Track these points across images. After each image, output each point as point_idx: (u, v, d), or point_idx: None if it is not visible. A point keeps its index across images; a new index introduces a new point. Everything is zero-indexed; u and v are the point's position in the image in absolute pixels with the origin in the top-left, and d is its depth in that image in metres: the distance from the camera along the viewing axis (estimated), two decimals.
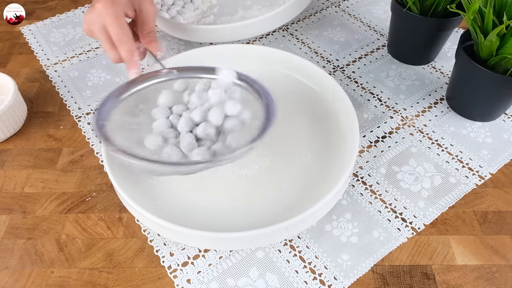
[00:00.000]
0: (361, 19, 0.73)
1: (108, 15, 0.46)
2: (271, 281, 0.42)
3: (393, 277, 0.43)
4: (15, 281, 0.43)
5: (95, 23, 0.47)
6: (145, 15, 0.51)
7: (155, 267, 0.44)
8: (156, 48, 0.51)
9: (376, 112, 0.58)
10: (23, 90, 0.62)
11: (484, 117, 0.56)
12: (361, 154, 0.53)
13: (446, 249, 0.45)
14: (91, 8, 0.47)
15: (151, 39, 0.51)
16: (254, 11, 0.71)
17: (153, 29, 0.51)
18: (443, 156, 0.53)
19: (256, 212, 0.46)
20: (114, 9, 0.46)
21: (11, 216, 0.48)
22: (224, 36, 0.65)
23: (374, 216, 0.47)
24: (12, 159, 0.54)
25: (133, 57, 0.47)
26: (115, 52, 0.48)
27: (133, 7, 0.50)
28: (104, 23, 0.46)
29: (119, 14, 0.47)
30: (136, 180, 0.48)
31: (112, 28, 0.46)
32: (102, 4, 0.46)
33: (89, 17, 0.47)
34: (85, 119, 0.58)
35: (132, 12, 0.50)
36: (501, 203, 0.48)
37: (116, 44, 0.47)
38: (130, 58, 0.47)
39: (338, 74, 0.64)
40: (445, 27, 0.58)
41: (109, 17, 0.46)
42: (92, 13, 0.47)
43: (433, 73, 0.64)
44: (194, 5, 0.73)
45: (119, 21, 0.46)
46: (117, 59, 0.48)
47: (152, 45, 0.51)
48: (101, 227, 0.47)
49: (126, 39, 0.47)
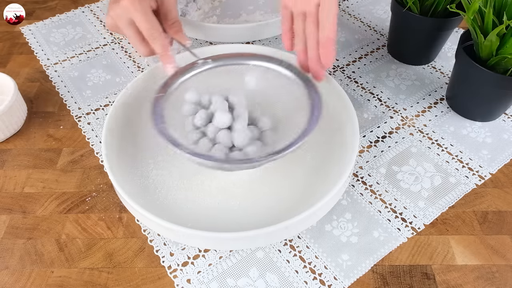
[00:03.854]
0: (361, 19, 0.73)
1: (136, 10, 0.45)
2: (271, 281, 0.42)
3: (393, 277, 0.43)
4: (15, 281, 0.43)
5: (122, 19, 0.46)
6: (166, 5, 0.50)
7: (155, 267, 0.44)
8: (184, 37, 0.50)
9: (376, 112, 0.58)
10: (23, 90, 0.62)
11: (484, 117, 0.56)
12: (361, 154, 0.53)
13: (446, 249, 0.45)
14: (116, 4, 0.46)
15: (177, 29, 0.50)
16: (257, 15, 0.72)
17: (177, 19, 0.51)
18: (443, 156, 0.53)
19: (256, 212, 0.46)
20: (141, 5, 0.45)
21: (11, 216, 0.48)
22: (230, 36, 0.66)
23: (374, 216, 0.47)
24: (12, 159, 0.54)
25: (168, 51, 0.47)
26: (146, 46, 0.47)
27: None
28: (132, 18, 0.46)
29: (147, 9, 0.46)
30: (136, 180, 0.48)
31: (142, 24, 0.46)
32: (128, 0, 0.45)
33: (114, 13, 0.46)
34: (85, 119, 0.58)
35: (155, 3, 0.49)
36: (501, 203, 0.48)
37: (148, 40, 0.47)
38: (165, 53, 0.47)
39: (338, 74, 0.64)
40: (445, 27, 0.58)
41: (138, 13, 0.45)
42: (117, 9, 0.46)
43: (433, 73, 0.64)
44: (197, 5, 0.73)
45: (148, 16, 0.46)
46: (148, 53, 0.48)
47: (179, 35, 0.50)
48: (101, 227, 0.47)
49: (158, 34, 0.46)
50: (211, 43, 0.69)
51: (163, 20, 0.50)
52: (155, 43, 0.47)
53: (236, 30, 0.67)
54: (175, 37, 0.50)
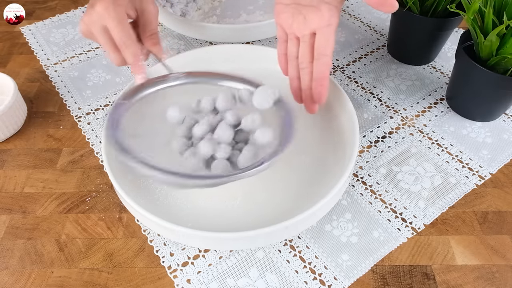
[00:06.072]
0: (361, 19, 0.73)
1: (109, 17, 0.44)
2: (271, 281, 0.42)
3: (393, 277, 0.43)
4: (15, 281, 0.43)
5: (95, 25, 0.45)
6: (147, 16, 0.49)
7: (155, 267, 0.44)
8: (160, 50, 0.49)
9: (376, 112, 0.58)
10: (23, 90, 0.62)
11: (484, 117, 0.56)
12: (361, 154, 0.53)
13: (446, 249, 0.45)
14: (90, 9, 0.45)
15: (154, 41, 0.49)
16: (257, 16, 0.72)
17: (156, 31, 0.50)
18: (443, 156, 0.53)
19: (256, 212, 0.46)
20: (116, 11, 0.44)
21: (11, 216, 0.48)
22: (229, 37, 0.66)
23: (374, 216, 0.47)
24: (12, 159, 0.54)
25: (139, 61, 0.46)
26: (118, 54, 0.46)
27: (134, 7, 0.48)
28: (105, 25, 0.44)
29: (121, 16, 0.45)
30: (136, 180, 0.48)
31: (115, 31, 0.44)
32: (102, 5, 0.44)
33: (88, 19, 0.45)
34: (85, 119, 0.58)
35: (133, 12, 0.48)
36: (501, 203, 0.48)
37: (120, 48, 0.45)
38: (136, 62, 0.46)
39: (338, 74, 0.64)
40: (445, 27, 0.58)
41: (111, 20, 0.44)
42: (91, 14, 0.45)
43: (433, 73, 0.64)
44: (197, 5, 0.73)
45: (122, 24, 0.45)
46: (120, 62, 0.47)
47: (156, 48, 0.49)
48: (101, 227, 0.47)
49: (130, 42, 0.45)
50: (211, 43, 0.69)
51: (142, 31, 0.49)
52: (126, 52, 0.45)
53: (236, 30, 0.67)
54: (151, 50, 0.49)
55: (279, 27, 0.47)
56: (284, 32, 0.47)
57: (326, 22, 0.43)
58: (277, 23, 0.47)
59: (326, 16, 0.43)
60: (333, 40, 0.44)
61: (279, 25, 0.47)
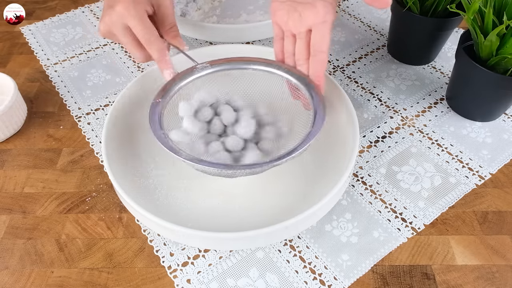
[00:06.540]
0: (361, 19, 0.73)
1: (131, 16, 0.44)
2: (271, 281, 0.42)
3: (393, 277, 0.43)
4: (15, 281, 0.43)
5: (117, 25, 0.45)
6: (163, 10, 0.49)
7: (155, 267, 0.44)
8: (181, 42, 0.50)
9: (376, 112, 0.58)
10: (23, 90, 0.62)
11: (484, 117, 0.56)
12: (361, 154, 0.53)
13: (446, 249, 0.45)
14: (109, 10, 0.45)
15: (174, 34, 0.50)
16: (257, 16, 0.72)
17: (174, 23, 0.50)
18: (443, 156, 0.53)
19: (256, 212, 0.46)
20: (136, 9, 0.45)
21: (11, 216, 0.48)
22: (229, 37, 0.67)
23: (374, 216, 0.47)
24: (12, 159, 0.54)
25: (165, 56, 0.46)
26: (142, 52, 0.47)
27: (151, 2, 0.48)
28: (127, 24, 0.45)
29: (142, 14, 0.45)
30: (136, 180, 0.48)
31: (138, 29, 0.45)
32: (123, 5, 0.44)
33: (109, 19, 0.45)
34: (85, 119, 0.58)
35: (150, 8, 0.48)
36: (501, 203, 0.48)
37: (144, 45, 0.46)
38: (163, 58, 0.46)
39: (338, 74, 0.64)
40: (445, 27, 0.58)
41: (132, 18, 0.44)
42: (111, 15, 0.45)
43: (433, 73, 0.64)
44: (197, 5, 0.73)
45: (144, 21, 0.45)
46: (145, 59, 0.47)
47: (177, 40, 0.50)
48: (101, 227, 0.47)
49: (154, 39, 0.46)
50: (211, 43, 0.69)
51: (160, 25, 0.50)
52: (151, 48, 0.46)
53: (236, 30, 0.67)
54: (172, 42, 0.49)
55: (275, 25, 0.47)
56: (280, 30, 0.47)
57: (321, 18, 0.43)
58: (273, 21, 0.47)
59: (321, 12, 0.43)
60: (328, 36, 0.44)
61: (275, 23, 0.47)
